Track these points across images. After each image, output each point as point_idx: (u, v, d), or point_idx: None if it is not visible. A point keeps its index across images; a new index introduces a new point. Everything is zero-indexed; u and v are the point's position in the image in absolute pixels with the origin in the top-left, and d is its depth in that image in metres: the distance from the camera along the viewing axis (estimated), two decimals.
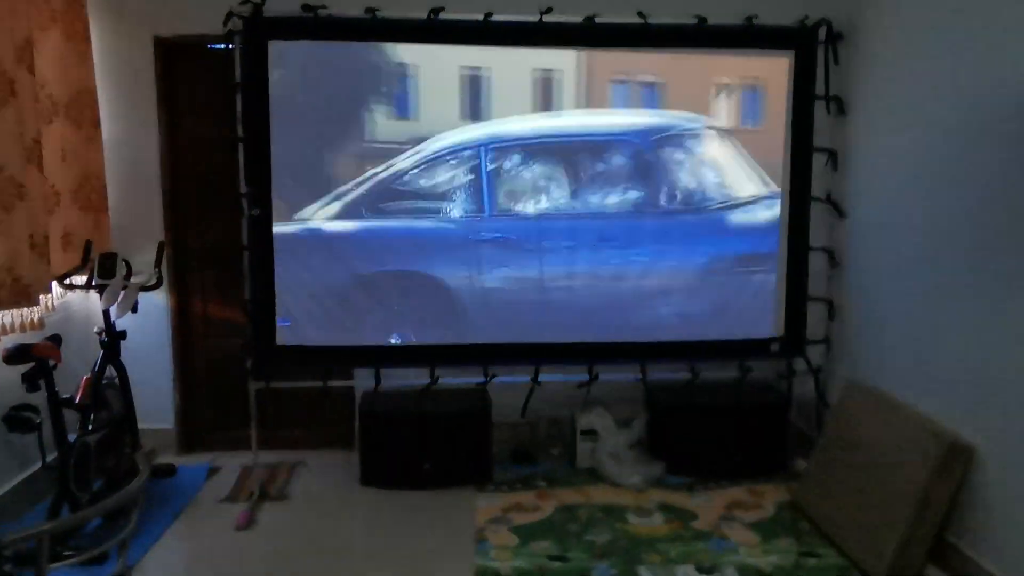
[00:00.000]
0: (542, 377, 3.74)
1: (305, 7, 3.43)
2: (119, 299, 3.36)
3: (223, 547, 3.10)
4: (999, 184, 2.63)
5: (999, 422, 2.62)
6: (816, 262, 3.80)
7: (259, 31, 3.45)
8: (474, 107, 3.64)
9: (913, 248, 3.15)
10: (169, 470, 3.75)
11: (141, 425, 3.59)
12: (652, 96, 3.72)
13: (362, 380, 3.82)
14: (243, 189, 3.52)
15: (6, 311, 3.06)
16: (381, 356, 3.70)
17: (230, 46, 3.48)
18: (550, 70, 3.64)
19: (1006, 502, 2.58)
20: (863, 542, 2.91)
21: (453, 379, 3.78)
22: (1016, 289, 2.55)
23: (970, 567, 2.70)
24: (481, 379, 3.74)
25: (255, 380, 3.63)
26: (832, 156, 3.73)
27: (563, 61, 3.64)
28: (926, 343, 3.04)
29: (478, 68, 3.62)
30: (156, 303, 3.87)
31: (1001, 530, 2.60)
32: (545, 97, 3.66)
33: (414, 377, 3.76)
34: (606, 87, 3.70)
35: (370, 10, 3.45)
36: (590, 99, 3.68)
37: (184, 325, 4.04)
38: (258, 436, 3.71)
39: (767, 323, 3.83)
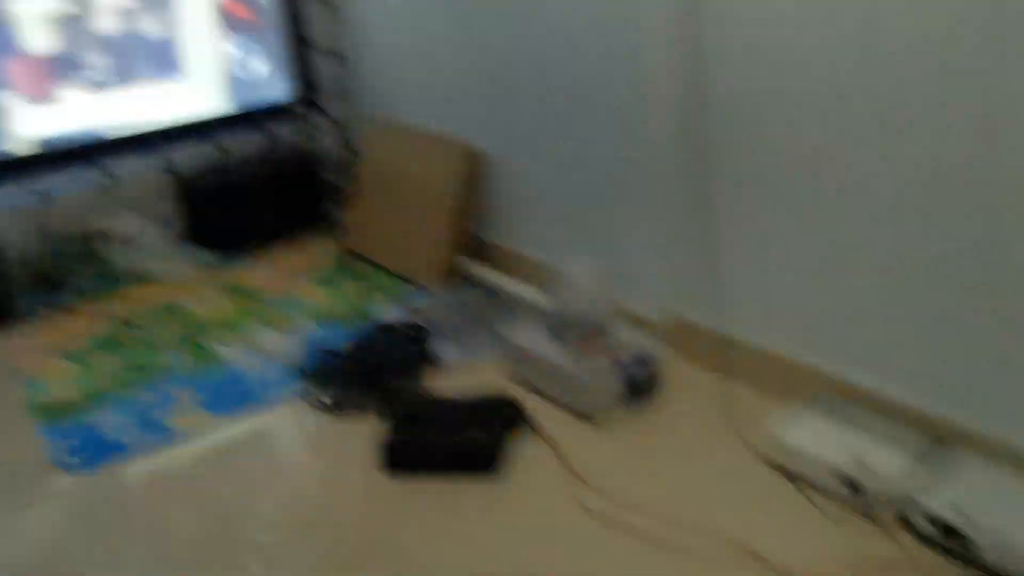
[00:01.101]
0: (53, 191, 3.26)
1: None
2: None
3: None
4: None
5: (500, 127, 3.01)
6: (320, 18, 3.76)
7: None
8: None
9: None
10: None
11: None
12: None
13: None
14: None
15: None
16: None
17: None
18: None
19: (513, 193, 3.06)
20: (415, 259, 3.23)
21: None
22: None
23: (497, 252, 3.20)
24: None
25: None
26: None
27: None
28: (427, 75, 3.29)
29: None
30: None
31: (516, 217, 3.09)
32: None
33: None
34: None
35: None
36: None
37: None
38: None
39: (284, 85, 3.78)
